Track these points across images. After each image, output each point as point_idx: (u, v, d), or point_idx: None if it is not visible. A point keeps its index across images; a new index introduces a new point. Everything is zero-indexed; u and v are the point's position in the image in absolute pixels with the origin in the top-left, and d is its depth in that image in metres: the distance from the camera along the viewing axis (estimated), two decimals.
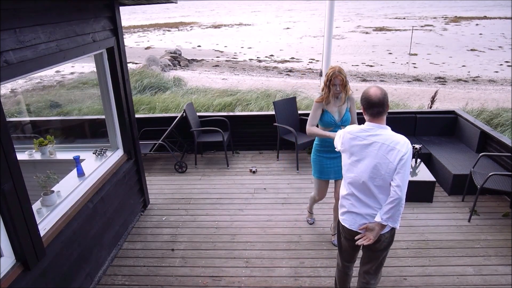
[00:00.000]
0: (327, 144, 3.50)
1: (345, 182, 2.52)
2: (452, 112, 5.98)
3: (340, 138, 2.49)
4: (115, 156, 4.01)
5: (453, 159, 5.03)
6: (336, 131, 3.24)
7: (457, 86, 15.60)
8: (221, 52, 25.58)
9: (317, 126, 3.52)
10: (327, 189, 3.78)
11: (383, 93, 2.32)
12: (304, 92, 11.63)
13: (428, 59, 21.26)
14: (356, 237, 2.46)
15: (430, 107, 8.47)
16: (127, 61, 4.16)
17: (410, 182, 2.96)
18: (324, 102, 3.37)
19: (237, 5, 78.89)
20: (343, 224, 2.57)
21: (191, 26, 42.73)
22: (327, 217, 4.33)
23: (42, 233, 2.67)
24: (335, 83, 3.25)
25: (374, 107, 2.30)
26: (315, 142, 3.67)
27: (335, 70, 3.23)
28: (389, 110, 2.46)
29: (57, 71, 16.22)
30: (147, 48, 27.16)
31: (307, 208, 4.30)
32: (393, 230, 2.47)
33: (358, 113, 3.40)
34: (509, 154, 4.54)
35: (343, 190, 2.55)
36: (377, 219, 2.36)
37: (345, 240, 2.64)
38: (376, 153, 2.30)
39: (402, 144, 2.24)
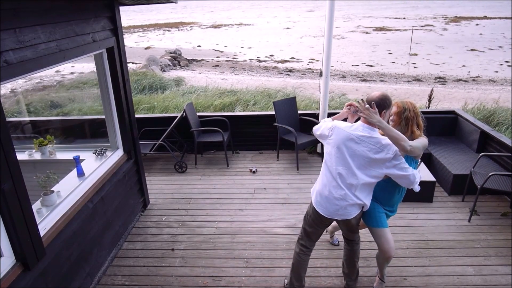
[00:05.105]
0: (385, 197, 2.89)
1: None
2: (452, 112, 5.99)
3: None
4: (115, 156, 4.01)
5: (453, 159, 5.03)
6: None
7: (457, 86, 15.60)
8: (221, 52, 25.57)
9: None
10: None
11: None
12: (304, 92, 11.62)
13: (428, 59, 21.26)
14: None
15: (428, 107, 8.48)
16: (127, 61, 4.16)
17: None
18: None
19: (241, 4, 78.84)
20: None
21: (191, 26, 42.71)
22: None
23: (42, 233, 2.67)
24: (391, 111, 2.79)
25: None
26: None
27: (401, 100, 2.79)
28: None
29: (57, 71, 16.24)
30: (147, 48, 27.16)
31: (377, 274, 3.28)
32: None
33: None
34: (509, 154, 4.54)
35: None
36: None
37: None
38: None
39: None
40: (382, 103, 2.53)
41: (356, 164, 2.57)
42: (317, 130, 2.83)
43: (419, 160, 4.94)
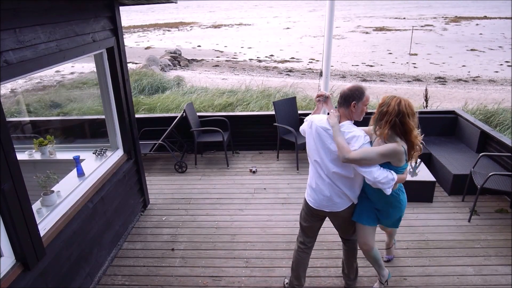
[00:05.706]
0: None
1: None
2: (452, 112, 5.99)
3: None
4: (115, 156, 4.01)
5: (453, 159, 5.03)
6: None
7: (457, 86, 15.59)
8: (221, 52, 25.55)
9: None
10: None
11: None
12: (304, 92, 11.62)
13: (428, 59, 21.24)
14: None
15: (426, 106, 8.49)
16: (127, 61, 4.16)
17: (411, 182, 2.96)
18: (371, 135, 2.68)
19: (243, 4, 78.83)
20: None
21: (191, 26, 42.68)
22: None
23: (42, 233, 2.67)
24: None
25: None
26: None
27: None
28: None
29: (57, 71, 16.23)
30: (147, 48, 27.14)
31: (378, 276, 3.20)
32: None
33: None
34: (509, 154, 4.54)
35: None
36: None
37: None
38: None
39: None
40: (351, 94, 2.55)
41: (328, 156, 2.62)
42: (302, 131, 2.93)
43: (419, 160, 4.92)
